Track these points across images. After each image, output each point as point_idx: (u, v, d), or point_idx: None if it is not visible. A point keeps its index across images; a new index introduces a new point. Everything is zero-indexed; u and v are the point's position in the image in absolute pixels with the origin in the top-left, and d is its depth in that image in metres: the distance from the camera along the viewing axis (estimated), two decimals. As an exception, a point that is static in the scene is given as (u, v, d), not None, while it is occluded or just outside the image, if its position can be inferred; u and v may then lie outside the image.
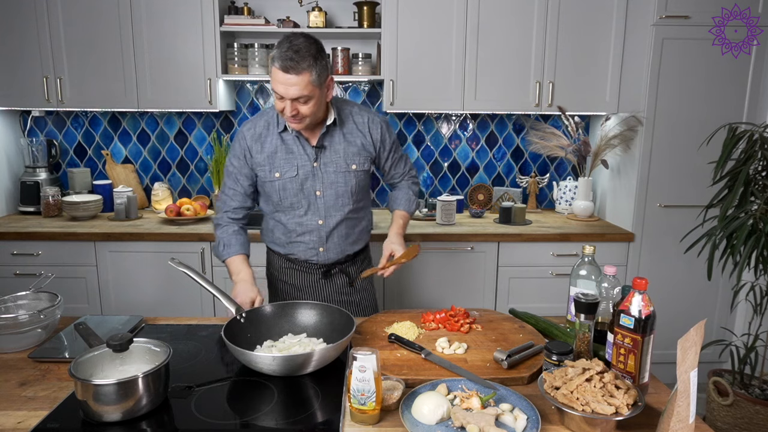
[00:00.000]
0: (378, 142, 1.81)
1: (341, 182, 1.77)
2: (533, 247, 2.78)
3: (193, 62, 2.86)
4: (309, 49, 1.54)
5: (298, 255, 1.85)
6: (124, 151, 3.30)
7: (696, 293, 2.86)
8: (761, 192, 2.17)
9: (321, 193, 1.76)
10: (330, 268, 1.88)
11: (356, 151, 1.77)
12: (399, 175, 1.97)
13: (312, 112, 1.60)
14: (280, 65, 1.52)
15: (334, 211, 1.79)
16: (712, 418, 2.35)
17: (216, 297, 1.47)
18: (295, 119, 1.61)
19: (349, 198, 1.79)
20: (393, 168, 1.93)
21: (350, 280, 1.92)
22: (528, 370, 1.29)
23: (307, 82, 1.53)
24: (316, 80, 1.55)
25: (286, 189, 1.75)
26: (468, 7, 2.81)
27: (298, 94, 1.54)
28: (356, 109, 1.80)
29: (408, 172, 1.99)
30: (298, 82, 1.52)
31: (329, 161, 1.75)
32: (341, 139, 1.75)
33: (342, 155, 1.75)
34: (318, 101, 1.60)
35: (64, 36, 2.82)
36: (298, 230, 1.80)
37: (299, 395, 1.21)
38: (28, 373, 1.31)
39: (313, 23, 2.93)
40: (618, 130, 2.90)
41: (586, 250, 1.42)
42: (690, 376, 0.96)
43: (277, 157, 1.73)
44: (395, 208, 1.95)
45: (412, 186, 2.00)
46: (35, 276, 2.53)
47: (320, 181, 1.75)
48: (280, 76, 1.53)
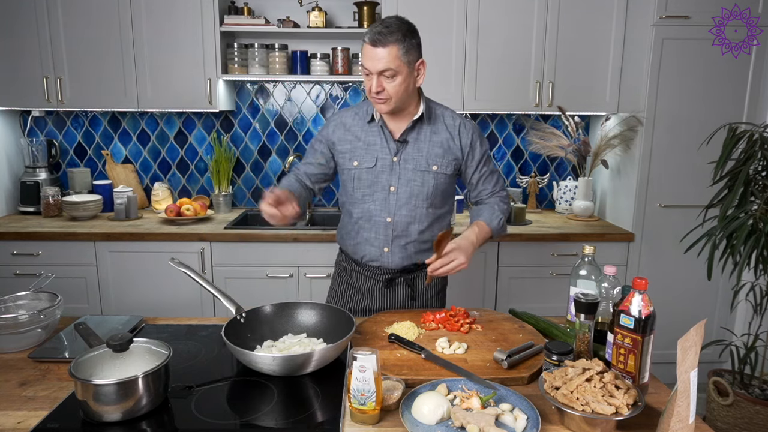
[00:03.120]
0: (467, 147, 1.71)
1: (418, 181, 1.69)
2: (533, 247, 2.78)
3: (193, 62, 2.86)
4: (400, 27, 1.54)
5: (364, 254, 1.78)
6: (124, 151, 3.30)
7: (696, 293, 2.86)
8: (761, 192, 2.17)
9: (395, 189, 1.69)
10: (394, 276, 1.78)
11: (441, 153, 1.69)
12: (487, 192, 1.80)
13: (398, 93, 1.57)
14: (369, 39, 1.53)
15: (405, 211, 1.70)
16: (712, 418, 2.35)
17: (216, 297, 1.47)
18: (380, 97, 1.58)
19: (424, 200, 1.70)
20: (481, 182, 1.78)
21: (414, 294, 1.81)
22: (528, 370, 1.29)
23: (395, 56, 1.52)
24: (404, 56, 1.54)
25: (361, 179, 1.71)
26: (468, 7, 2.81)
27: (384, 66, 1.53)
28: (449, 112, 1.74)
29: (498, 192, 1.81)
30: (384, 55, 1.52)
31: (410, 158, 1.69)
32: (427, 137, 1.69)
33: (425, 154, 1.68)
34: (405, 81, 1.57)
35: (64, 36, 2.82)
36: (366, 226, 1.74)
37: (299, 395, 1.21)
38: (28, 373, 1.31)
39: (313, 23, 2.93)
40: (618, 130, 2.90)
41: (586, 250, 1.42)
42: (690, 376, 0.96)
43: (359, 146, 1.70)
44: (476, 218, 1.73)
45: (500, 203, 1.79)
46: (35, 276, 2.53)
47: (396, 177, 1.69)
48: (369, 50, 1.54)
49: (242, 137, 3.29)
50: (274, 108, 3.27)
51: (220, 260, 2.74)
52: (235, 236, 2.70)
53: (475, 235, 1.65)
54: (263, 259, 2.73)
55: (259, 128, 3.29)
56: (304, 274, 2.75)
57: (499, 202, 1.79)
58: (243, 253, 2.73)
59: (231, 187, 3.30)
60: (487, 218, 1.72)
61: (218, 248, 2.72)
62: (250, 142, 3.30)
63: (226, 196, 3.18)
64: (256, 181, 3.35)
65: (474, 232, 1.66)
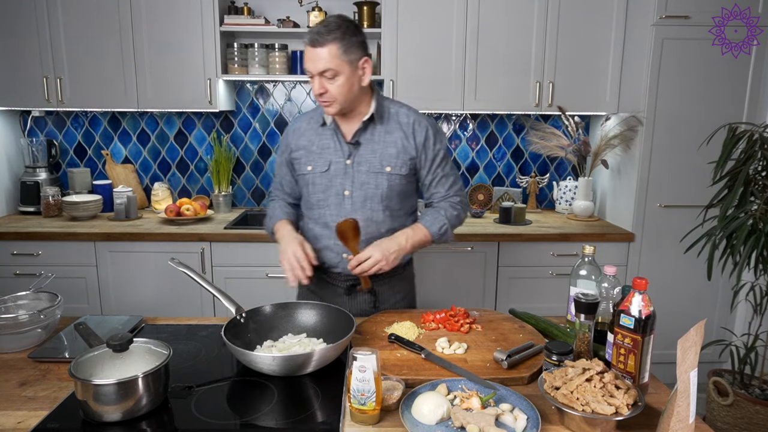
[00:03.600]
0: (420, 145, 1.65)
1: (372, 184, 1.64)
2: (533, 247, 2.78)
3: (193, 62, 2.86)
4: (339, 25, 1.51)
5: (323, 261, 1.72)
6: (124, 151, 3.30)
7: (696, 293, 2.86)
8: (761, 192, 2.17)
9: (350, 193, 1.66)
10: (355, 283, 1.74)
11: (395, 153, 1.64)
12: (439, 196, 1.73)
13: (342, 93, 1.54)
14: (308, 40, 1.52)
15: (361, 214, 1.65)
16: (712, 418, 2.35)
17: (216, 297, 1.47)
18: (324, 99, 1.56)
19: (379, 202, 1.66)
20: (434, 185, 1.71)
21: (375, 303, 1.76)
22: (528, 370, 1.29)
23: (334, 55, 1.50)
24: (344, 54, 1.51)
25: (315, 184, 1.68)
26: (468, 7, 2.81)
27: (324, 67, 1.50)
28: (405, 110, 1.69)
29: (450, 197, 1.73)
30: (324, 55, 1.50)
31: (363, 160, 1.64)
32: (381, 138, 1.65)
33: (378, 155, 1.64)
34: (348, 81, 1.54)
35: (64, 36, 2.82)
36: (324, 232, 1.71)
37: (299, 395, 1.21)
38: (28, 373, 1.31)
39: (313, 23, 2.93)
40: (618, 130, 2.90)
41: (586, 250, 1.42)
42: (690, 376, 0.96)
43: (312, 151, 1.68)
44: (419, 221, 1.70)
45: (449, 209, 1.71)
46: (35, 276, 2.54)
47: (350, 180, 1.65)
48: (308, 51, 1.52)
49: (242, 137, 3.29)
50: (274, 108, 3.27)
51: (220, 260, 2.74)
52: (235, 236, 2.70)
53: (405, 236, 1.62)
54: (263, 259, 2.73)
55: (259, 128, 3.29)
56: (304, 274, 2.75)
57: (448, 207, 1.72)
58: (243, 253, 2.73)
59: (231, 187, 3.30)
60: (428, 222, 1.67)
61: (218, 248, 2.72)
62: (250, 142, 3.30)
63: (226, 196, 3.18)
64: (256, 181, 3.35)
65: (405, 234, 1.63)
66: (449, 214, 1.71)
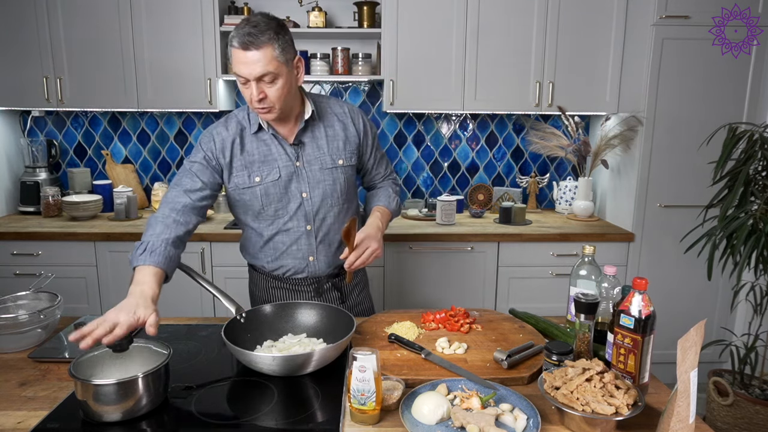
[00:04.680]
0: (361, 132, 1.68)
1: (329, 180, 1.63)
2: (533, 247, 2.78)
3: (193, 62, 2.86)
4: (268, 24, 1.42)
5: (287, 269, 1.70)
6: (124, 151, 3.30)
7: (696, 293, 2.86)
8: (761, 192, 2.17)
9: (307, 194, 1.62)
10: (322, 283, 1.73)
11: (341, 145, 1.65)
12: (381, 176, 1.81)
13: (281, 96, 1.47)
14: (238, 43, 1.40)
15: (322, 214, 1.65)
16: (712, 418, 2.35)
17: (216, 297, 1.47)
18: (263, 106, 1.47)
19: (338, 198, 1.66)
20: (375, 167, 1.78)
21: (342, 297, 1.77)
22: (528, 370, 1.29)
23: (271, 57, 1.41)
24: (281, 55, 1.42)
25: (269, 194, 1.60)
26: (468, 7, 2.81)
27: (263, 71, 1.41)
28: (333, 101, 1.69)
29: (389, 175, 1.84)
30: (260, 58, 1.40)
31: (313, 158, 1.62)
32: (323, 134, 1.63)
33: (326, 150, 1.63)
34: (287, 83, 1.47)
35: (64, 36, 2.82)
36: (286, 240, 1.66)
37: (299, 395, 1.21)
38: (28, 373, 1.31)
39: (313, 23, 2.93)
40: (618, 130, 2.90)
41: (586, 250, 1.42)
42: (690, 376, 0.96)
43: (256, 160, 1.59)
44: (374, 204, 1.74)
45: (393, 185, 1.82)
46: (35, 276, 2.54)
47: (305, 182, 1.62)
48: (241, 55, 1.41)
49: (242, 137, 3.29)
50: (274, 108, 3.27)
51: (220, 260, 2.74)
52: (235, 236, 2.70)
53: (379, 220, 1.65)
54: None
55: (259, 128, 3.28)
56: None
57: (392, 184, 1.83)
58: (243, 253, 2.72)
59: (231, 187, 3.29)
60: (385, 202, 1.74)
61: (218, 248, 2.72)
62: (250, 142, 3.29)
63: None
64: (256, 181, 3.34)
65: (377, 218, 1.65)
66: (396, 190, 1.82)
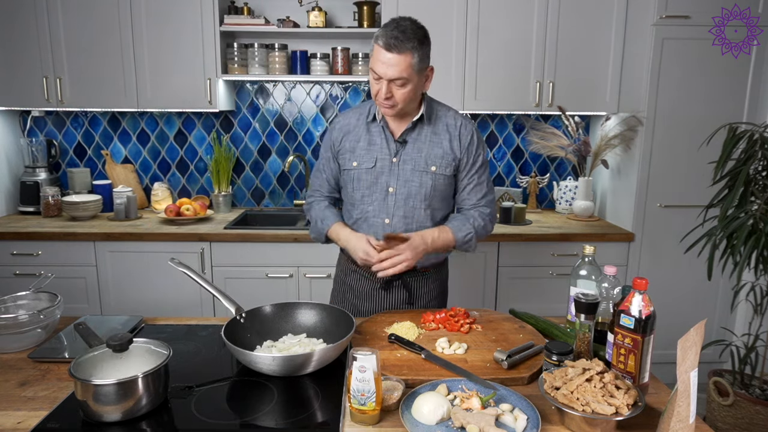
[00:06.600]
0: (464, 148, 1.68)
1: (416, 182, 1.66)
2: (533, 247, 2.78)
3: (193, 62, 2.86)
4: (415, 33, 1.50)
5: None
6: (124, 151, 3.30)
7: (696, 293, 2.86)
8: (761, 192, 2.17)
9: (394, 190, 1.67)
10: (392, 278, 1.74)
11: (441, 153, 1.67)
12: (470, 203, 1.73)
13: (406, 99, 1.55)
14: (383, 43, 1.49)
15: (403, 212, 1.68)
16: (713, 418, 2.35)
17: (216, 297, 1.47)
18: (388, 103, 1.56)
19: (421, 201, 1.68)
20: (468, 191, 1.72)
21: (411, 298, 1.79)
22: (528, 370, 1.29)
23: (408, 65, 1.49)
24: (417, 65, 1.51)
25: (360, 179, 1.69)
26: (468, 7, 2.81)
27: (397, 75, 1.50)
28: (452, 113, 1.72)
29: (480, 206, 1.73)
30: (398, 63, 1.49)
31: (409, 158, 1.67)
32: (427, 138, 1.67)
33: (424, 154, 1.66)
34: (414, 89, 1.55)
35: (64, 36, 2.82)
36: (364, 227, 1.72)
37: (299, 395, 1.21)
38: (28, 373, 1.31)
39: (313, 23, 2.93)
40: (618, 130, 2.90)
41: (586, 250, 1.42)
42: (690, 376, 0.96)
43: (359, 147, 1.69)
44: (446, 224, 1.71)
45: (477, 218, 1.71)
46: (35, 276, 2.53)
47: (395, 178, 1.67)
48: (382, 54, 1.49)
49: (242, 137, 3.29)
50: (273, 108, 3.27)
51: (220, 260, 2.74)
52: (235, 236, 2.70)
53: (432, 235, 1.63)
54: (263, 259, 2.73)
55: (258, 128, 3.28)
56: (304, 274, 2.75)
57: (477, 216, 1.72)
58: (243, 253, 2.73)
59: (231, 187, 3.30)
60: (456, 227, 1.68)
61: (218, 248, 2.72)
62: (249, 142, 3.30)
63: (226, 196, 3.18)
64: (255, 181, 3.35)
65: (433, 233, 1.64)
66: (477, 223, 1.71)
